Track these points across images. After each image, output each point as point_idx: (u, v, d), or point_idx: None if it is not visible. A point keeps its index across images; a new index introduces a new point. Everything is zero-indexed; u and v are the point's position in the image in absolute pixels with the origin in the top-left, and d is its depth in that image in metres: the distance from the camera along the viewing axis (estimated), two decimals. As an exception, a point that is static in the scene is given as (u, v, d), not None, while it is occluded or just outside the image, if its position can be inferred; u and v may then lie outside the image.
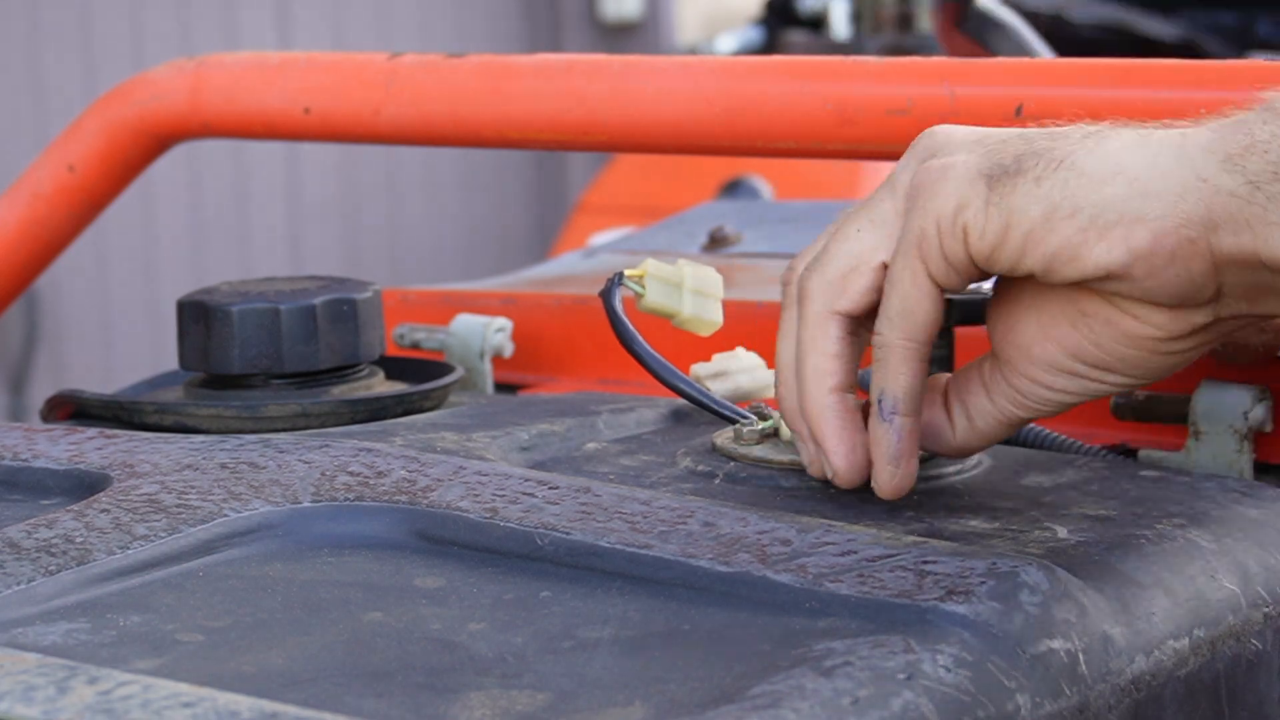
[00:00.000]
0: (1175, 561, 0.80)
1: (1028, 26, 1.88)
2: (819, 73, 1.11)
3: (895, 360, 0.82)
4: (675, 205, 1.87)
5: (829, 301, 0.84)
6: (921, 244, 0.81)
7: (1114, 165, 0.78)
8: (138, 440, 0.94)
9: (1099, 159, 0.78)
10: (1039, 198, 0.78)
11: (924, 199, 0.81)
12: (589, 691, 0.68)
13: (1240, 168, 0.76)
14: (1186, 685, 0.77)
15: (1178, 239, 0.77)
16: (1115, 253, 0.78)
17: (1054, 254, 0.78)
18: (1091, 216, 0.78)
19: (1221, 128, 0.78)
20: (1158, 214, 0.77)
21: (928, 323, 0.82)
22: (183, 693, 0.63)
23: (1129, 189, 0.77)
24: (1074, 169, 0.78)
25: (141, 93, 1.28)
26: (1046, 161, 0.79)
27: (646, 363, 0.96)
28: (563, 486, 0.85)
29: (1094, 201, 0.78)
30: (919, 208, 0.81)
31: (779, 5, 4.83)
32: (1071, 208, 0.78)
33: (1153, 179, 0.77)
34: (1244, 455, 0.99)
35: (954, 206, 0.80)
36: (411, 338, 1.21)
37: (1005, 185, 0.79)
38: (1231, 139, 0.77)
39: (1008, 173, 0.79)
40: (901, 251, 0.81)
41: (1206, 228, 0.77)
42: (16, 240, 1.30)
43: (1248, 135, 0.76)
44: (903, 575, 0.75)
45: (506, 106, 1.17)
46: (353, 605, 0.77)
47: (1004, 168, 0.79)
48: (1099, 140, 0.79)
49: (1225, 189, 0.76)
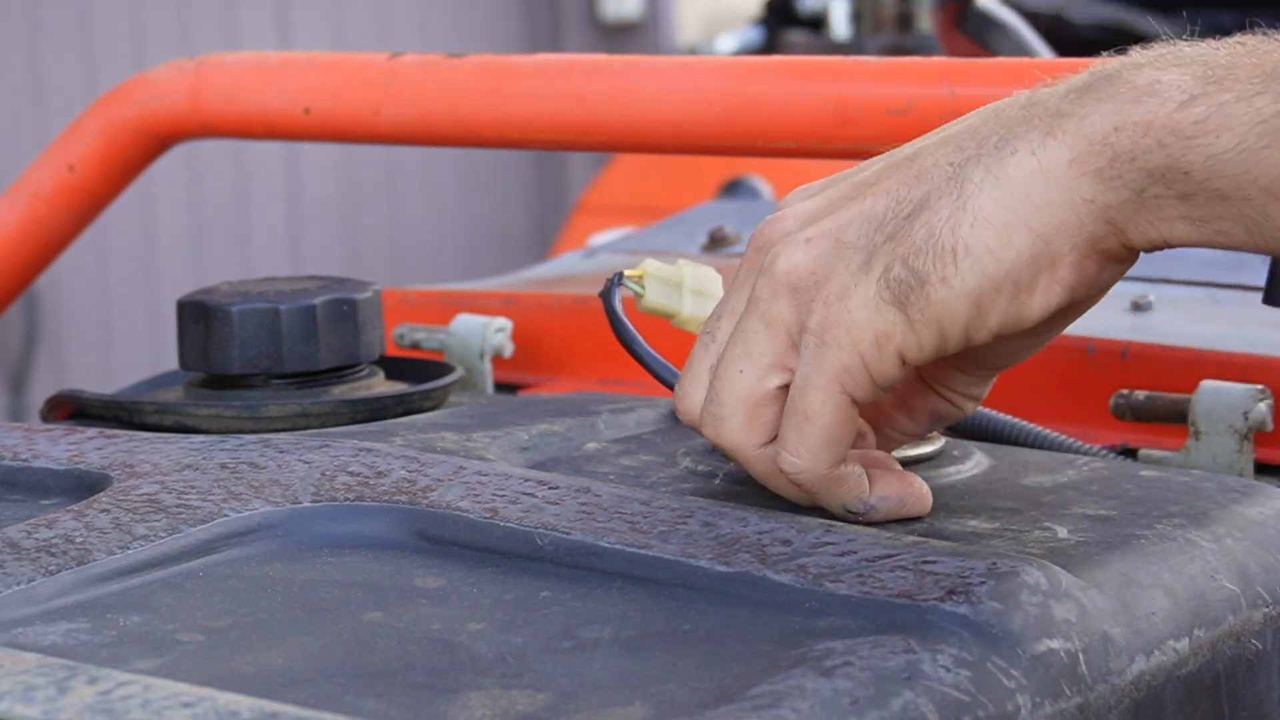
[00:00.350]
0: (1175, 561, 0.80)
1: (1028, 26, 1.88)
2: (819, 73, 1.11)
3: (835, 485, 0.81)
4: (675, 205, 1.87)
5: (755, 441, 0.82)
6: (845, 378, 0.79)
7: (1001, 225, 0.77)
8: (138, 440, 0.94)
9: (983, 227, 0.77)
10: (958, 296, 0.77)
11: (834, 336, 0.78)
12: (589, 691, 0.68)
13: (1118, 180, 0.76)
14: (1186, 685, 0.77)
15: (1097, 254, 0.78)
16: (1052, 296, 0.78)
17: (999, 327, 0.78)
18: (1014, 282, 0.77)
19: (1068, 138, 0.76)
20: (1069, 246, 0.77)
21: (849, 442, 0.81)
22: (183, 693, 0.63)
23: (1030, 240, 0.77)
24: (971, 253, 0.77)
25: (141, 93, 1.28)
26: (938, 257, 0.77)
27: (646, 363, 0.96)
28: (563, 486, 0.85)
29: (1008, 270, 0.77)
30: (831, 344, 0.79)
31: (779, 5, 4.83)
32: (993, 287, 0.77)
33: (1044, 220, 0.76)
34: (1244, 455, 0.99)
35: (873, 338, 0.78)
36: (411, 338, 1.21)
37: (919, 300, 0.77)
38: (1090, 153, 0.76)
39: (911, 287, 0.77)
40: (820, 386, 0.79)
41: (1115, 234, 0.77)
42: (16, 240, 1.30)
43: (1106, 146, 0.76)
44: (903, 575, 0.75)
45: (506, 106, 1.17)
46: (353, 605, 0.77)
47: (905, 284, 0.77)
48: (966, 203, 0.77)
49: (1114, 201, 0.76)
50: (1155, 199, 0.76)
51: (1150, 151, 0.75)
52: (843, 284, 0.79)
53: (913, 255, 0.77)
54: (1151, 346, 1.07)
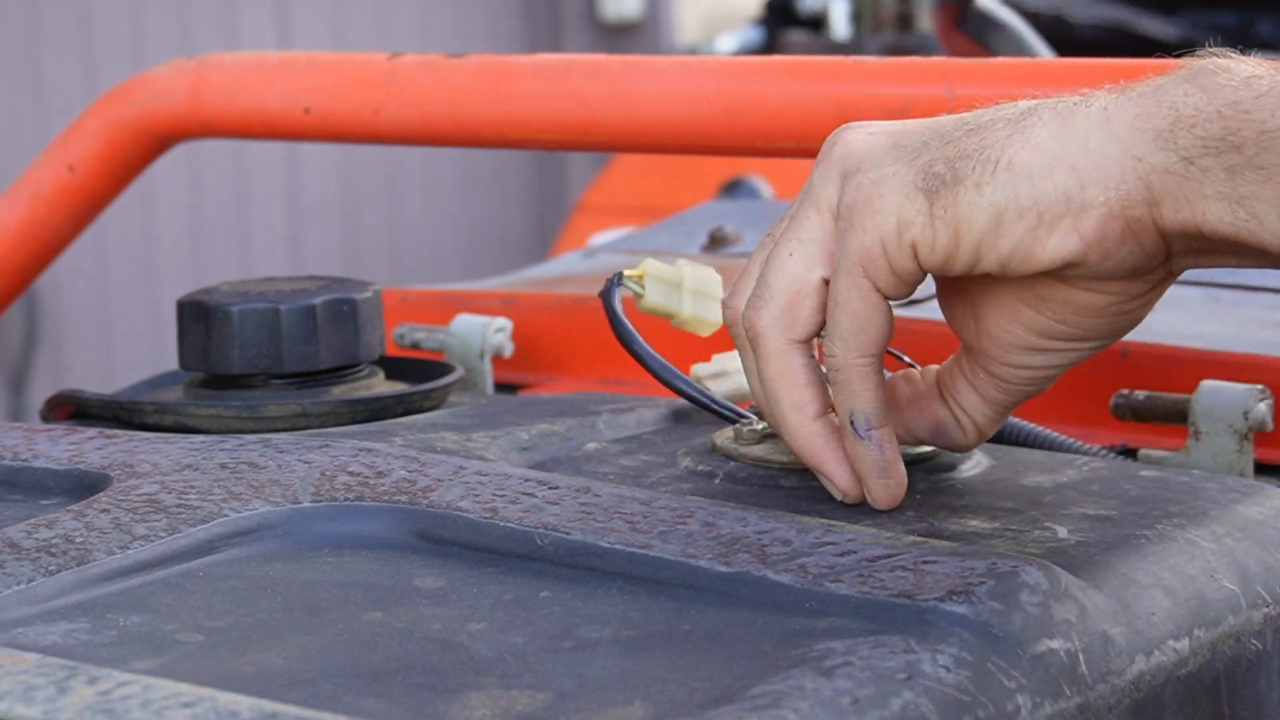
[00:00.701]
0: (1175, 561, 0.80)
1: (1028, 26, 1.88)
2: (819, 73, 1.11)
3: (856, 379, 0.82)
4: (675, 205, 1.87)
5: (784, 333, 0.83)
6: (867, 263, 0.80)
7: (1049, 156, 0.78)
8: (138, 440, 0.94)
9: (1032, 151, 0.78)
10: (983, 205, 0.78)
11: (861, 218, 0.80)
12: (589, 691, 0.68)
13: (1172, 144, 0.77)
14: (1186, 685, 0.77)
15: (1125, 220, 0.78)
16: (1068, 244, 0.78)
17: (1009, 255, 0.79)
18: (1038, 214, 0.78)
19: (1142, 99, 0.78)
20: (1101, 199, 0.78)
21: (881, 337, 0.82)
22: (183, 693, 0.63)
23: (1069, 178, 0.78)
24: (1011, 168, 0.78)
25: (141, 93, 1.28)
26: (981, 164, 0.79)
27: (646, 363, 0.96)
28: (563, 486, 0.85)
29: (1038, 198, 0.78)
30: (857, 227, 0.80)
31: (779, 5, 4.84)
32: (1017, 209, 0.78)
33: (1090, 164, 0.78)
34: (1244, 455, 0.99)
35: (895, 224, 0.79)
36: (411, 338, 1.21)
37: (946, 197, 0.79)
38: (1157, 113, 0.77)
39: (945, 183, 0.79)
40: (845, 271, 0.81)
41: (1149, 205, 0.78)
42: (16, 240, 1.30)
43: (1171, 109, 0.77)
44: (903, 575, 0.75)
45: (506, 106, 1.17)
46: (353, 605, 0.77)
47: (940, 178, 0.79)
48: (1026, 130, 0.79)
49: (1160, 166, 0.77)
50: (1202, 172, 0.76)
51: (1210, 120, 0.76)
52: (884, 170, 0.80)
53: (959, 157, 0.79)
54: (1151, 346, 1.07)
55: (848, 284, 0.81)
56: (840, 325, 0.82)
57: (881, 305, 0.81)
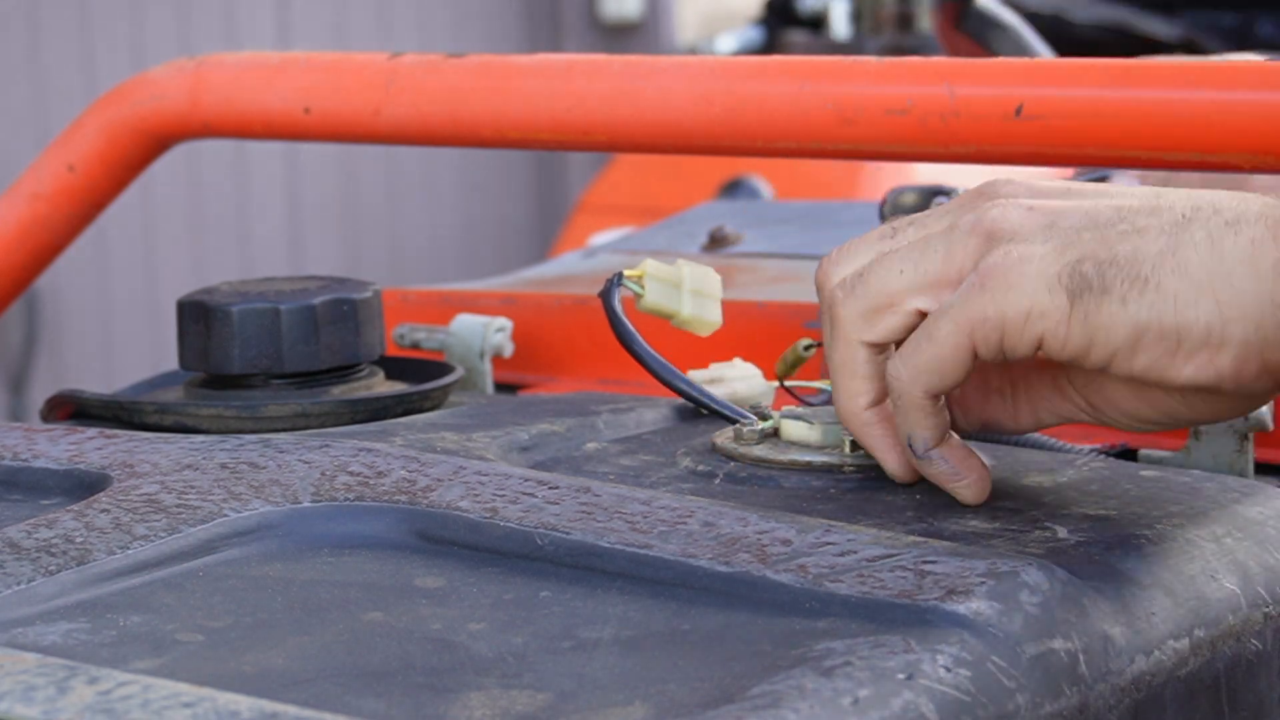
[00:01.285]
0: (1175, 561, 0.80)
1: (1028, 26, 1.88)
2: (819, 73, 1.11)
3: (914, 412, 0.83)
4: (675, 205, 1.87)
5: (859, 332, 0.84)
6: (979, 326, 0.80)
7: (1196, 284, 0.78)
8: (138, 440, 0.94)
9: (1181, 277, 0.78)
10: (1125, 320, 0.78)
11: (996, 286, 0.80)
12: (589, 691, 0.68)
13: None
14: (1186, 685, 0.77)
15: (1261, 361, 0.78)
16: (1203, 375, 0.79)
17: (1142, 371, 0.79)
18: (1179, 340, 0.78)
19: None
20: (1240, 339, 0.78)
21: (953, 385, 0.82)
22: (183, 693, 0.63)
23: (1213, 311, 0.78)
24: (1160, 290, 0.78)
25: (141, 93, 1.28)
26: (1130, 280, 0.78)
27: (646, 363, 0.96)
28: (563, 486, 0.85)
29: (1180, 325, 0.78)
30: (989, 291, 0.80)
31: (779, 5, 4.84)
32: (1159, 332, 0.78)
33: (1233, 302, 0.78)
34: (1244, 455, 0.99)
35: (1027, 309, 0.79)
36: (411, 338, 1.21)
37: (1089, 303, 0.78)
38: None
39: (1091, 289, 0.78)
40: (953, 319, 0.80)
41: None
42: (16, 240, 1.30)
43: None
44: (903, 575, 0.75)
45: (506, 106, 1.17)
46: (353, 605, 0.77)
47: (1087, 281, 0.78)
48: (1179, 251, 0.78)
49: None
50: None
51: None
52: (1033, 249, 0.80)
53: (1109, 264, 0.78)
54: (1151, 346, 1.06)
55: (950, 332, 0.81)
56: (919, 359, 0.82)
57: (968, 362, 0.81)
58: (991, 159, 1.06)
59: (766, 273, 1.38)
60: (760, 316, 1.16)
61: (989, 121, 1.06)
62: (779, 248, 1.49)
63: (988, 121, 1.06)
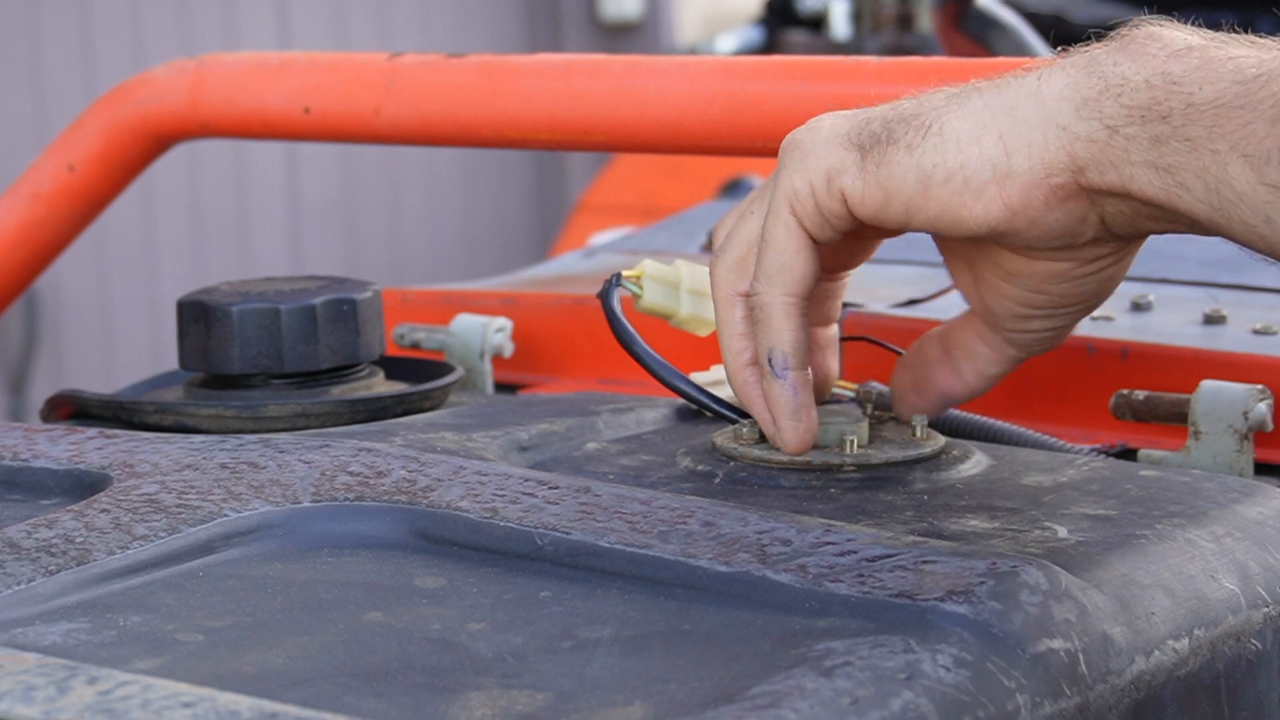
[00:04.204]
0: (1175, 561, 0.80)
1: (1028, 26, 1.88)
2: (819, 73, 1.11)
3: (777, 317, 0.85)
4: (675, 205, 1.87)
5: (732, 284, 0.87)
6: (794, 202, 0.83)
7: (978, 123, 0.80)
8: (138, 440, 0.94)
9: (963, 118, 0.80)
10: (912, 166, 0.81)
11: (792, 159, 0.84)
12: (589, 691, 0.68)
13: (1096, 113, 0.78)
14: (1186, 685, 0.77)
15: (1048, 187, 0.80)
16: (993, 210, 0.80)
17: (936, 217, 0.81)
18: (964, 179, 0.80)
19: (1075, 69, 0.79)
20: (1025, 167, 0.79)
21: (806, 276, 0.85)
22: (183, 693, 0.63)
23: (996, 147, 0.80)
24: (941, 133, 0.81)
25: (141, 93, 1.28)
26: (915, 128, 0.81)
27: (646, 363, 0.96)
28: (563, 486, 0.85)
29: (964, 164, 0.80)
30: (788, 167, 0.84)
31: (779, 5, 4.84)
32: (945, 173, 0.80)
33: (1016, 133, 0.79)
34: (1244, 455, 0.99)
35: (825, 168, 0.83)
36: (411, 338, 1.21)
37: (877, 154, 0.82)
38: (1085, 83, 0.78)
39: (879, 141, 0.82)
40: (773, 210, 0.84)
41: (1073, 171, 0.79)
42: (16, 240, 1.30)
43: (1100, 79, 0.78)
44: (903, 575, 0.75)
45: (506, 106, 1.17)
46: (353, 605, 0.77)
47: (874, 136, 0.82)
48: (963, 100, 0.81)
49: (1084, 134, 0.78)
50: (1126, 140, 0.78)
51: (1137, 90, 0.78)
52: (822, 121, 0.84)
53: (896, 120, 0.82)
54: (1151, 346, 1.07)
55: (774, 221, 0.84)
56: (765, 263, 0.85)
57: (806, 245, 0.84)
58: (991, 159, 1.06)
59: (766, 273, 1.38)
60: (760, 316, 1.16)
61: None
62: (779, 248, 1.48)
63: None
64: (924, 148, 0.81)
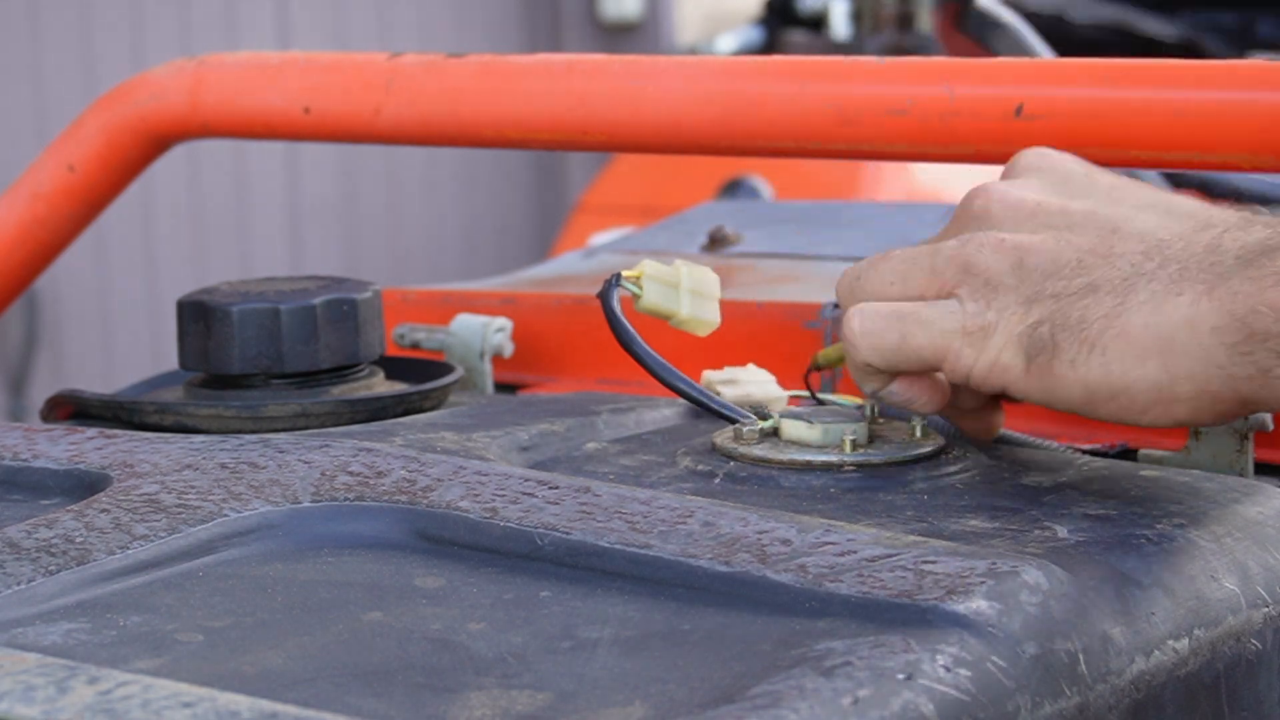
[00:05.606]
0: (1175, 561, 0.80)
1: (1028, 26, 1.88)
2: (819, 73, 1.11)
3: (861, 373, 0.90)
4: (675, 205, 1.87)
5: None
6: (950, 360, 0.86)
7: (1140, 348, 0.82)
8: (138, 440, 0.94)
9: (1127, 341, 0.82)
10: (1076, 380, 0.84)
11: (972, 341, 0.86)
12: (589, 691, 0.68)
13: (1250, 358, 0.80)
14: (1186, 685, 0.77)
15: (1213, 412, 0.83)
16: (1163, 422, 0.84)
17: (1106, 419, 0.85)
18: (1130, 399, 0.83)
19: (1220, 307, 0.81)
20: (1189, 393, 0.82)
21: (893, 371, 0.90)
22: (183, 693, 0.63)
23: (1160, 375, 0.82)
24: (1105, 354, 0.83)
25: (141, 93, 1.28)
26: (1080, 342, 0.83)
27: (646, 363, 0.96)
28: (563, 486, 0.85)
29: (1128, 386, 0.83)
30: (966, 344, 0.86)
31: (779, 5, 4.83)
32: (1109, 392, 0.83)
33: (1176, 364, 0.82)
34: (1244, 455, 0.99)
35: (990, 362, 0.86)
36: (411, 338, 1.21)
37: (1042, 362, 0.84)
38: (1229, 326, 0.80)
39: (1045, 349, 0.84)
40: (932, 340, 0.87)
41: (1237, 396, 0.82)
42: (16, 240, 1.30)
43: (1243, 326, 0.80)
44: (903, 575, 0.75)
45: (506, 106, 1.17)
46: (353, 605, 0.77)
47: (1042, 343, 0.84)
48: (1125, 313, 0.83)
49: (1241, 375, 0.81)
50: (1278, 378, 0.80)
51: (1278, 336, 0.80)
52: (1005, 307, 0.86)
53: (1063, 327, 0.84)
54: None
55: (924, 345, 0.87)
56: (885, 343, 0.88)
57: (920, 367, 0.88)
58: (991, 159, 1.06)
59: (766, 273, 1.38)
60: (759, 317, 1.16)
61: (989, 121, 1.06)
62: (778, 248, 1.49)
63: (988, 121, 1.06)
64: (1089, 366, 0.83)
